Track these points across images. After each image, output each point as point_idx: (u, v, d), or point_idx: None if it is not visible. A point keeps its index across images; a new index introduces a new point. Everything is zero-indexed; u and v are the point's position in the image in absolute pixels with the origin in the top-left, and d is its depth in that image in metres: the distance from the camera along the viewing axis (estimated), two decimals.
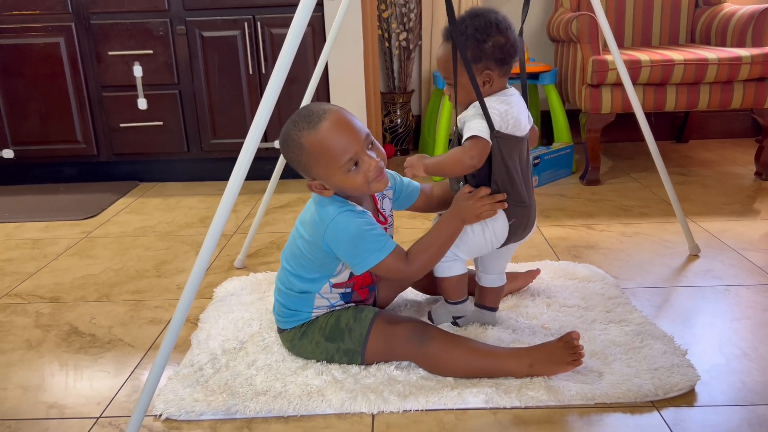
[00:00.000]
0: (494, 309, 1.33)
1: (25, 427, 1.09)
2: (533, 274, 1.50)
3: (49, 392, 1.19)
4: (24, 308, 1.54)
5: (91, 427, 1.08)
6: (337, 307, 1.23)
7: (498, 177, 1.17)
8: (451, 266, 1.26)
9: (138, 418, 0.98)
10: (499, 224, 1.19)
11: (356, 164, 1.10)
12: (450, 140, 1.23)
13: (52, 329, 1.43)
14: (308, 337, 1.21)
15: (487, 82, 1.16)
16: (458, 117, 1.20)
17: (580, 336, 1.14)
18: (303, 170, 1.14)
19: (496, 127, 1.13)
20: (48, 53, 2.42)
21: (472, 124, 1.14)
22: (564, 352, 1.12)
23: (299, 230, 1.20)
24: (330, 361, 1.20)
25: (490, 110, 1.13)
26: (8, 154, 2.52)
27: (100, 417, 1.11)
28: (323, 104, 1.13)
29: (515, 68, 1.21)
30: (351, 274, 1.20)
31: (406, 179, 1.32)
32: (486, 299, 1.32)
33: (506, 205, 1.17)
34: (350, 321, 1.19)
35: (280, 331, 1.26)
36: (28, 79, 2.45)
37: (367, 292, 1.27)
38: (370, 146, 1.12)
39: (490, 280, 1.30)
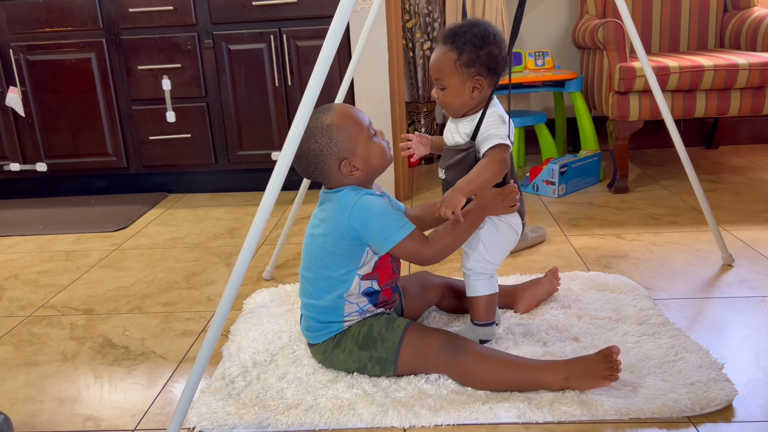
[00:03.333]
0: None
1: None
2: (554, 272, 1.48)
3: (84, 404, 1.21)
4: (59, 320, 1.57)
5: None
6: (368, 314, 1.23)
7: (512, 177, 1.27)
8: (485, 284, 1.27)
9: (174, 431, 0.99)
10: (516, 219, 1.28)
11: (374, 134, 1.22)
12: (452, 150, 1.27)
13: (87, 341, 1.45)
14: (341, 346, 1.21)
15: (477, 88, 1.23)
16: (448, 125, 1.29)
17: (620, 351, 1.12)
18: (334, 154, 1.17)
19: (507, 131, 1.22)
20: (80, 68, 2.48)
21: (496, 132, 1.21)
22: (602, 366, 1.10)
23: (316, 232, 1.22)
24: (362, 370, 1.20)
25: (500, 113, 1.23)
26: (42, 167, 2.58)
27: (134, 430, 1.12)
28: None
29: (503, 79, 1.28)
30: (375, 264, 1.21)
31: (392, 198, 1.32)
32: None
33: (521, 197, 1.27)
34: (383, 330, 1.19)
35: (311, 345, 1.27)
36: (60, 94, 2.51)
37: (390, 291, 1.27)
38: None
39: (498, 265, 1.34)
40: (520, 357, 1.20)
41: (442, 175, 1.31)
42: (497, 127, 1.21)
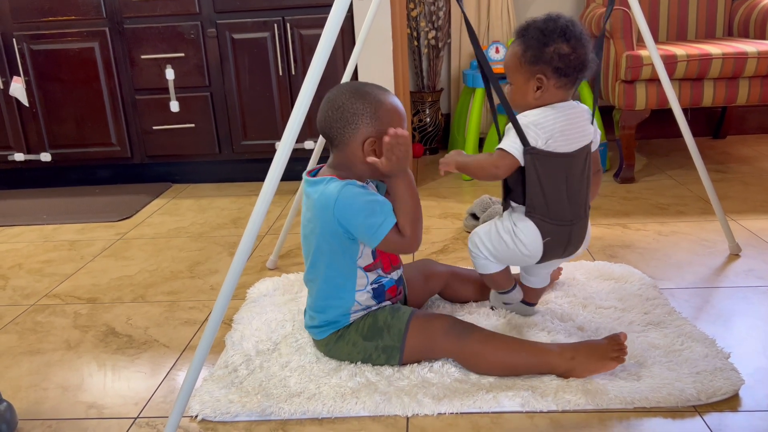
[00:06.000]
0: (533, 305, 1.35)
1: (66, 426, 1.11)
2: (557, 270, 1.49)
3: (88, 392, 1.21)
4: (63, 309, 1.57)
5: (129, 428, 1.09)
6: (373, 308, 1.22)
7: (531, 194, 1.14)
8: (486, 265, 1.24)
9: (175, 419, 0.99)
10: (531, 240, 1.16)
11: None
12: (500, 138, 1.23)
13: (90, 330, 1.45)
14: (344, 339, 1.20)
15: (538, 87, 1.13)
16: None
17: (626, 337, 1.13)
18: (369, 126, 1.12)
19: (531, 142, 1.11)
20: (83, 58, 2.47)
21: (505, 140, 1.14)
22: (608, 348, 1.11)
23: (308, 234, 1.20)
24: (367, 360, 1.19)
25: (526, 121, 1.12)
26: (46, 157, 2.58)
27: (137, 417, 1.12)
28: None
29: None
30: (374, 254, 1.20)
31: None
32: (526, 295, 1.33)
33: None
34: (388, 318, 1.19)
35: (315, 341, 1.26)
36: (64, 83, 2.50)
37: (395, 288, 1.26)
38: None
39: (532, 282, 1.31)
40: (527, 340, 1.20)
41: None
42: (508, 131, 1.14)
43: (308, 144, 2.44)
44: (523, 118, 1.13)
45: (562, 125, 1.12)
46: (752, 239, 1.74)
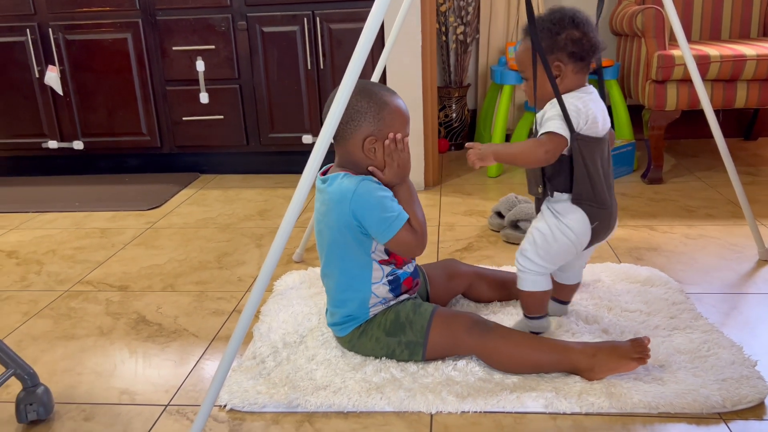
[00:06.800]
0: (566, 302, 1.35)
1: (100, 411, 1.14)
2: None
3: (120, 378, 1.24)
4: (95, 296, 1.61)
5: (161, 414, 1.13)
6: (392, 302, 1.24)
7: (579, 180, 1.16)
8: (537, 281, 1.22)
9: (207, 408, 1.02)
10: (581, 227, 1.18)
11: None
12: (529, 136, 1.23)
13: (122, 317, 1.49)
14: (367, 335, 1.22)
15: (558, 75, 1.16)
16: (537, 115, 1.19)
17: (650, 341, 1.13)
18: (371, 125, 1.16)
19: (575, 126, 1.12)
20: (116, 48, 2.51)
21: (551, 123, 1.13)
22: (631, 349, 1.12)
23: (323, 229, 1.22)
24: (390, 356, 1.21)
25: (567, 107, 1.12)
26: (78, 145, 2.64)
27: (168, 405, 1.15)
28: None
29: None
30: (387, 251, 1.21)
31: None
32: (560, 294, 1.33)
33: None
34: (410, 314, 1.20)
35: (338, 338, 1.28)
36: (97, 73, 2.55)
37: (411, 280, 1.27)
38: None
39: (566, 278, 1.31)
40: (549, 338, 1.21)
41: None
42: (551, 119, 1.13)
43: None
44: (557, 106, 1.14)
45: (594, 108, 1.15)
46: None
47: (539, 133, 1.15)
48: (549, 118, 1.14)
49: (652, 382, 1.12)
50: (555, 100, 1.14)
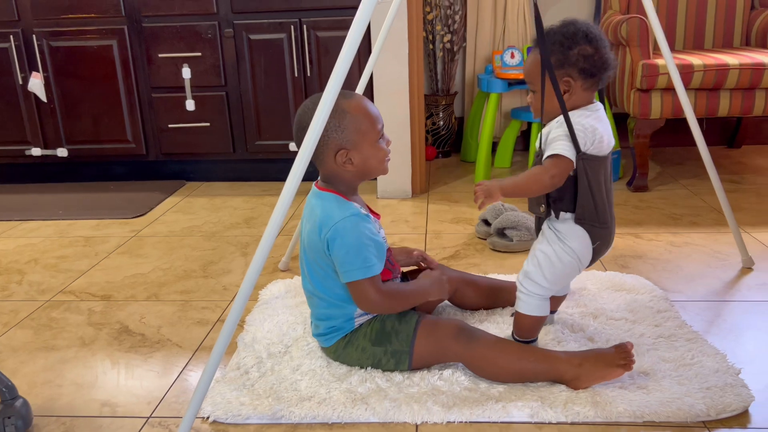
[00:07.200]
0: (553, 312, 1.35)
1: (80, 424, 1.13)
2: None
3: (102, 390, 1.23)
4: (77, 305, 1.59)
5: (142, 427, 1.11)
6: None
7: (583, 200, 1.14)
8: (540, 306, 1.20)
9: (189, 420, 1.00)
10: (584, 248, 1.17)
11: (381, 137, 1.19)
12: (536, 155, 1.20)
13: (104, 327, 1.47)
14: (353, 345, 1.21)
15: (566, 90, 1.13)
16: (542, 132, 1.18)
17: (633, 346, 1.14)
18: (337, 139, 1.14)
19: (581, 146, 1.11)
20: (101, 55, 2.49)
21: (557, 145, 1.11)
22: (616, 356, 1.12)
23: (306, 247, 1.21)
24: (376, 366, 1.20)
25: (574, 125, 1.11)
26: (63, 152, 2.61)
27: (150, 417, 1.14)
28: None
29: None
30: None
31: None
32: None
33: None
34: (396, 324, 1.20)
35: (323, 348, 1.27)
36: (82, 80, 2.53)
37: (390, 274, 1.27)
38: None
39: (557, 291, 1.30)
40: (534, 346, 1.21)
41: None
42: (557, 139, 1.11)
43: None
44: (563, 125, 1.12)
45: (601, 127, 1.13)
46: (766, 253, 1.73)
47: (545, 155, 1.13)
48: (555, 138, 1.12)
49: (637, 390, 1.12)
50: (561, 118, 1.12)
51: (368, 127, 1.16)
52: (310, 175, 1.29)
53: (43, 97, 2.53)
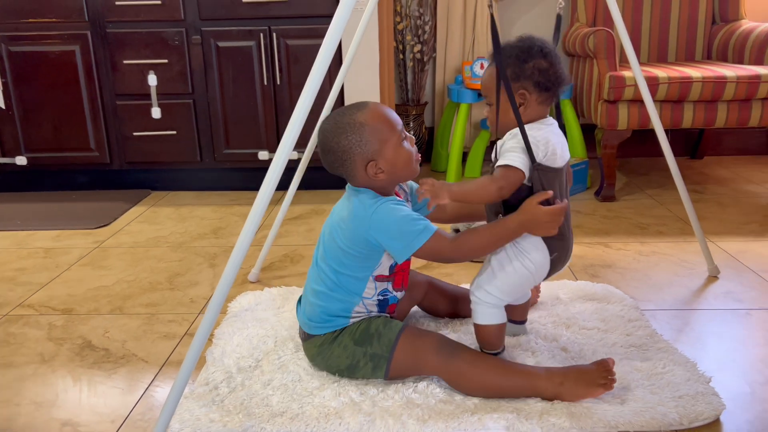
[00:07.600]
0: (523, 322, 1.34)
1: None
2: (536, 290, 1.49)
3: (62, 409, 1.17)
4: (37, 320, 1.53)
5: None
6: (372, 316, 1.22)
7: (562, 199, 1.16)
8: (493, 314, 1.20)
9: None
10: (541, 259, 1.17)
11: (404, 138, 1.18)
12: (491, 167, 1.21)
13: (65, 342, 1.42)
14: (338, 341, 1.20)
15: (522, 103, 1.15)
16: (498, 143, 1.18)
17: (614, 363, 1.13)
18: (362, 153, 1.14)
19: (535, 157, 1.11)
20: (63, 61, 2.42)
21: (510, 156, 1.12)
22: (597, 375, 1.11)
23: (336, 230, 1.19)
24: (353, 367, 1.18)
25: (541, 136, 1.12)
26: (21, 161, 2.52)
27: None
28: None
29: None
30: (393, 268, 1.20)
31: (415, 186, 1.30)
32: (513, 315, 1.32)
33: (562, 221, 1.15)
34: (380, 327, 1.19)
35: (308, 337, 1.24)
36: (42, 86, 2.46)
37: (395, 307, 1.27)
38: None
39: (509, 300, 1.29)
40: (515, 362, 1.20)
41: None
42: (511, 150, 1.12)
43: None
44: (517, 136, 1.13)
45: (554, 140, 1.15)
46: (730, 261, 1.76)
47: (496, 165, 1.14)
48: (508, 149, 1.13)
49: (612, 400, 1.12)
50: (516, 130, 1.13)
51: (389, 133, 1.15)
52: (282, 184, 1.27)
53: (2, 104, 2.45)
